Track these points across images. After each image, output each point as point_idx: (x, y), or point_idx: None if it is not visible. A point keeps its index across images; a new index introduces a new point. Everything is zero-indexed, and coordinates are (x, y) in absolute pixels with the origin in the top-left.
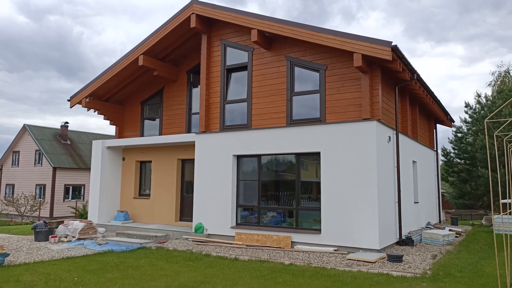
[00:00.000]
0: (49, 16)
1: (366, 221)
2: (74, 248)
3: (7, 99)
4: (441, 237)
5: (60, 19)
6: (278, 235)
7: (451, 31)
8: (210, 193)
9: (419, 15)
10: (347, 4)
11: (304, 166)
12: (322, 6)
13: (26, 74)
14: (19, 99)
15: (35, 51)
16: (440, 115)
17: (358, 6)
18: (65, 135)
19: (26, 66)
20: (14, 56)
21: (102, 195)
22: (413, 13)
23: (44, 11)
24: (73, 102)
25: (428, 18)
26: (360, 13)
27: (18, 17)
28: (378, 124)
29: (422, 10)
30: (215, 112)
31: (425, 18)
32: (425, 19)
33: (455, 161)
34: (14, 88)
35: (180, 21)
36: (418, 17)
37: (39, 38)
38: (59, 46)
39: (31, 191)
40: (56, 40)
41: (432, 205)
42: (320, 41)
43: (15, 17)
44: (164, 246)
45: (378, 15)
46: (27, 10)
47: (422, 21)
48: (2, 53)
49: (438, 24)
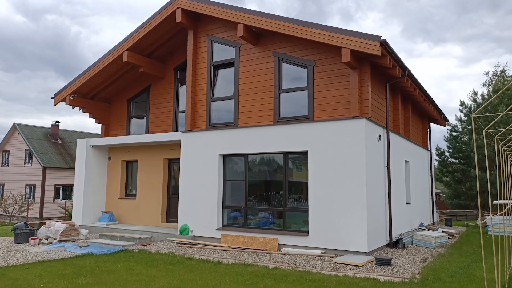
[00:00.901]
0: (46, 15)
1: (354, 223)
2: (53, 251)
3: (4, 99)
4: (433, 239)
5: (58, 18)
6: (264, 237)
7: (449, 32)
8: (195, 193)
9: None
10: (345, 5)
11: (292, 166)
12: (321, 7)
13: (23, 74)
14: (16, 99)
15: (33, 50)
16: (433, 114)
17: (356, 6)
18: (56, 134)
19: (23, 66)
20: (11, 55)
21: (87, 196)
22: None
23: (42, 11)
24: (57, 100)
25: (426, 19)
26: (358, 14)
27: (15, 16)
28: (367, 122)
29: (420, 10)
30: (201, 110)
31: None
32: (423, 19)
33: (450, 160)
34: (11, 88)
35: (165, 16)
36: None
37: (37, 37)
38: (56, 46)
39: (21, 191)
40: (53, 39)
41: (426, 205)
42: (308, 36)
43: (13, 16)
44: (146, 249)
45: (376, 16)
46: (24, 10)
47: (420, 22)
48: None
49: (436, 24)
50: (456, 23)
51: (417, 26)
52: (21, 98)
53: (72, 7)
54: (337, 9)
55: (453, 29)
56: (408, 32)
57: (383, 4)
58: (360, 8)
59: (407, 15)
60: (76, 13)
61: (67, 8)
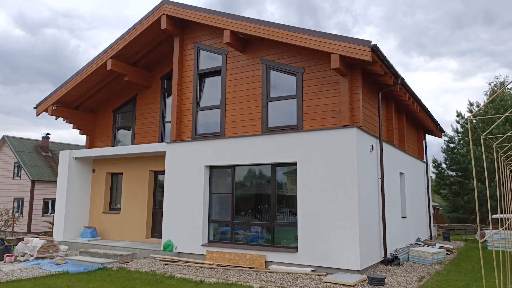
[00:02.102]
0: (45, 29)
1: (345, 239)
2: (27, 269)
3: (1, 112)
4: (430, 255)
5: (57, 32)
6: (251, 254)
7: (444, 46)
8: (180, 207)
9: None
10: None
11: (281, 178)
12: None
13: (20, 87)
14: (13, 112)
15: (31, 64)
16: (429, 125)
17: (353, 21)
18: (46, 147)
19: (21, 79)
20: (9, 69)
21: (69, 210)
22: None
23: (40, 25)
24: (39, 110)
25: (421, 33)
26: (355, 28)
27: (14, 30)
28: (358, 131)
29: (415, 25)
30: (187, 119)
31: (418, 32)
32: (418, 33)
33: (447, 173)
34: (8, 101)
35: (150, 23)
36: (411, 31)
37: (35, 51)
38: (55, 59)
39: (7, 205)
40: (52, 53)
41: (423, 219)
42: (297, 42)
43: (11, 30)
44: (126, 267)
45: (373, 30)
46: (23, 24)
47: (416, 36)
48: None
49: (431, 39)
50: (451, 38)
51: (413, 41)
52: (18, 111)
53: (70, 21)
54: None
55: (448, 43)
56: (404, 46)
57: (379, 19)
58: (357, 22)
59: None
60: (74, 27)
61: (65, 22)
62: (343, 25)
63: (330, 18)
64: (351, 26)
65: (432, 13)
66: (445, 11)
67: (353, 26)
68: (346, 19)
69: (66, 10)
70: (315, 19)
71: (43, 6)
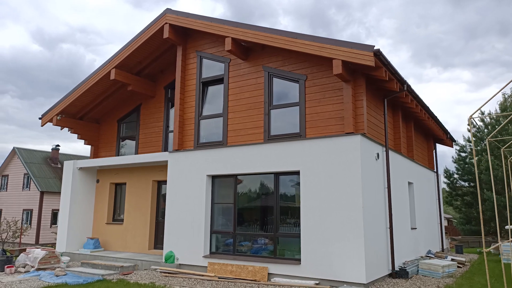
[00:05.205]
0: (62, 44)
1: (350, 250)
2: (27, 280)
3: (18, 125)
4: (440, 268)
5: (73, 47)
6: (254, 266)
7: (457, 57)
8: (181, 218)
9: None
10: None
11: (284, 187)
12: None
13: (37, 101)
14: (29, 125)
15: (47, 78)
16: (438, 134)
17: (367, 33)
18: (56, 158)
19: (37, 93)
20: (26, 83)
21: (72, 221)
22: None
23: (57, 40)
24: (44, 120)
25: (434, 44)
26: (369, 40)
27: (32, 45)
28: (362, 138)
29: (428, 36)
30: (189, 128)
31: (431, 44)
32: (431, 45)
33: (459, 183)
34: (24, 114)
35: (153, 32)
36: (424, 43)
37: (51, 65)
38: (70, 73)
39: (16, 217)
40: (67, 67)
41: (434, 231)
42: (298, 48)
43: (29, 46)
44: (126, 278)
45: (385, 42)
46: (40, 39)
47: (429, 47)
48: (15, 81)
49: (444, 50)
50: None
51: (426, 52)
52: (34, 125)
53: (86, 36)
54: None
55: (462, 54)
56: (417, 57)
57: (392, 30)
58: (371, 34)
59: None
60: (90, 42)
61: (81, 37)
62: (356, 37)
63: (344, 30)
64: (365, 38)
65: (445, 24)
66: (458, 22)
67: (366, 37)
68: (359, 31)
69: (82, 25)
70: (328, 31)
71: (61, 21)
